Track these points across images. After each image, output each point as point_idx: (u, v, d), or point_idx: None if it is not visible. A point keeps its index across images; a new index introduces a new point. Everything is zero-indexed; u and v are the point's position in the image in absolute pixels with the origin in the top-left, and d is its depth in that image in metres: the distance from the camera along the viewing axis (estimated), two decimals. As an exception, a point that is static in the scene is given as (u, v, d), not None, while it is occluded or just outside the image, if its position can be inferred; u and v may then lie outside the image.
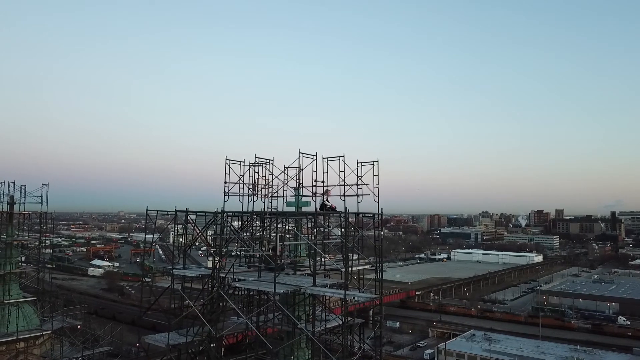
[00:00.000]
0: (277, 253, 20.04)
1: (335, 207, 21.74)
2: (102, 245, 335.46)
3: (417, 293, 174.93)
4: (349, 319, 21.21)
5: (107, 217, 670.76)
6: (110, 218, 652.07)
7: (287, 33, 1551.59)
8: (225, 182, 21.20)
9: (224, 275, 19.61)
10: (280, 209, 22.55)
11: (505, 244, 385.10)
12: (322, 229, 21.13)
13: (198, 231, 21.75)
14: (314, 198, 21.82)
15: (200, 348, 19.35)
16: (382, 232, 23.15)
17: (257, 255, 21.92)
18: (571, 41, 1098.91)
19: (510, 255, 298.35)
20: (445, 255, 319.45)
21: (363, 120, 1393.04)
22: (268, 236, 20.66)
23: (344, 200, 21.60)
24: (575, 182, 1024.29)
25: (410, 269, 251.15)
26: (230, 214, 21.34)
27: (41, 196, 32.08)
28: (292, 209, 22.30)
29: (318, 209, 21.53)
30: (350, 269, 20.66)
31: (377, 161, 21.17)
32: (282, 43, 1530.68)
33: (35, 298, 33.00)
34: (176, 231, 21.87)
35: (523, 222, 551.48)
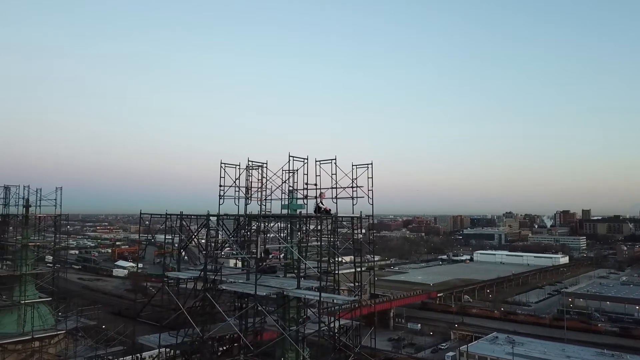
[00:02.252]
0: (259, 256, 19.94)
1: (330, 210, 21.56)
2: (127, 246, 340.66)
3: (438, 295, 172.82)
4: (346, 321, 20.84)
5: (131, 219, 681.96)
6: (135, 219, 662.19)
7: (288, 33, 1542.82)
8: (220, 186, 21.60)
9: (212, 278, 19.70)
10: (276, 212, 22.51)
11: (530, 245, 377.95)
12: (316, 231, 20.92)
13: (192, 234, 21.85)
14: (304, 201, 21.86)
15: (191, 349, 19.51)
16: (373, 234, 23.06)
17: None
18: (587, 38, 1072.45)
19: (534, 257, 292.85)
20: (468, 257, 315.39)
21: (380, 121, 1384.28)
22: (256, 239, 20.56)
23: (336, 203, 21.60)
24: (603, 181, 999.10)
25: (431, 271, 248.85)
26: (217, 216, 21.37)
27: (55, 199, 32.66)
28: (285, 211, 22.26)
29: (313, 212, 21.47)
30: (336, 271, 20.35)
31: (371, 163, 21.31)
32: (283, 43, 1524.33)
33: (50, 298, 33.55)
34: (165, 234, 22.31)
35: (548, 223, 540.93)
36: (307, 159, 21.59)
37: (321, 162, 21.52)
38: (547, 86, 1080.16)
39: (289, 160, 20.95)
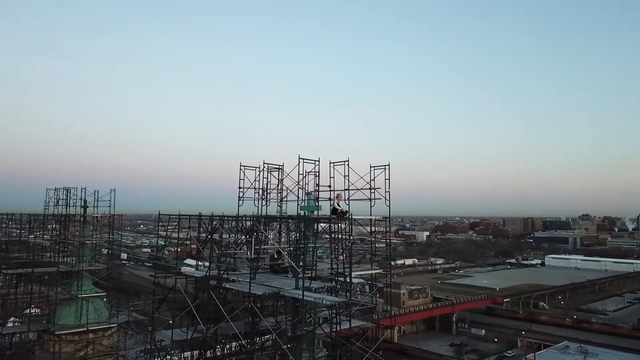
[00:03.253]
0: (253, 256, 20.15)
1: (347, 212, 21.39)
2: (195, 245, 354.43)
3: (505, 300, 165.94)
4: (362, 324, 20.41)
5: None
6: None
7: (301, 28, 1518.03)
8: (240, 188, 22.28)
9: (225, 277, 20.29)
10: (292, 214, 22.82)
11: (609, 249, 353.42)
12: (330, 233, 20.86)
13: (208, 234, 22.66)
14: (315, 203, 22.05)
15: (202, 345, 20.20)
16: (390, 236, 22.78)
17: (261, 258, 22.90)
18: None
19: (613, 262, 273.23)
20: (539, 261, 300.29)
21: (443, 120, 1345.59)
22: (251, 240, 20.89)
23: (349, 205, 21.57)
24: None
25: (499, 275, 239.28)
26: (222, 217, 21.99)
27: (109, 200, 34.83)
28: (303, 212, 22.47)
29: (330, 214, 21.47)
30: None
31: (389, 164, 21.13)
32: (295, 40, 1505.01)
33: (105, 293, 35.67)
34: (178, 234, 23.96)
35: (630, 226, 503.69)
36: (319, 160, 21.98)
37: (335, 163, 21.58)
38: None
39: (299, 162, 21.20)
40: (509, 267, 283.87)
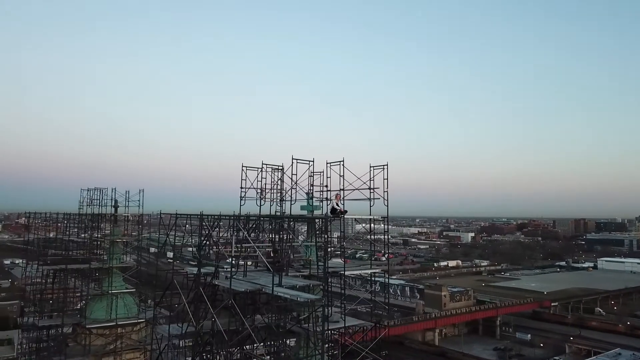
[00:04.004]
0: (233, 254, 20.25)
1: (347, 211, 21.25)
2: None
3: (552, 304, 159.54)
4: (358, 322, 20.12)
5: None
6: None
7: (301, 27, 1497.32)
8: (241, 188, 22.64)
9: (215, 273, 20.61)
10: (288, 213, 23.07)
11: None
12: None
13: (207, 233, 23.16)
14: (310, 202, 22.30)
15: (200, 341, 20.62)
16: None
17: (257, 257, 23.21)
18: None
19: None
20: (591, 264, 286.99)
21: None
22: (231, 238, 21.08)
23: (343, 204, 21.47)
24: None
25: (547, 278, 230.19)
26: (217, 216, 22.41)
27: (139, 200, 36.11)
28: (305, 212, 22.84)
29: (329, 213, 21.47)
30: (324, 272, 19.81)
31: (387, 164, 20.92)
32: (295, 41, 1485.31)
33: (134, 289, 36.87)
34: (175, 232, 24.72)
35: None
36: (313, 161, 22.14)
37: (331, 163, 21.56)
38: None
39: (292, 163, 21.50)
40: (558, 270, 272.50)
